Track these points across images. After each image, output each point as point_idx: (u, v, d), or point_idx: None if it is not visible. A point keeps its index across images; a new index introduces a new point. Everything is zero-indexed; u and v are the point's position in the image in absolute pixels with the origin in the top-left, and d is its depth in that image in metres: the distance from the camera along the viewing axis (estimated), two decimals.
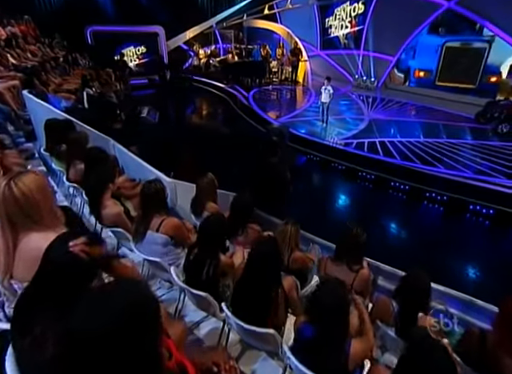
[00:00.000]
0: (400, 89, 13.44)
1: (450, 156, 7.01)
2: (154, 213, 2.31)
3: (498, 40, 10.97)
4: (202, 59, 15.48)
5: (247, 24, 15.62)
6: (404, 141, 7.96)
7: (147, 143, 5.28)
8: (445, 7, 10.77)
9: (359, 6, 13.60)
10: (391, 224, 5.83)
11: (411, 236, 5.27)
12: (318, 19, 15.33)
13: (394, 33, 12.28)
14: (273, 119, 9.53)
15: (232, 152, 7.48)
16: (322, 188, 6.90)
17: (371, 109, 10.94)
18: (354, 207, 6.19)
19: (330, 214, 5.77)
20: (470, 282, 4.07)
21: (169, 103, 12.28)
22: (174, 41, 15.04)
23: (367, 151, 7.44)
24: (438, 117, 9.95)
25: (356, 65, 14.26)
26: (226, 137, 8.86)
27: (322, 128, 8.97)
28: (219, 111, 12.22)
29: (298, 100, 12.96)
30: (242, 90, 12.55)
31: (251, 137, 8.93)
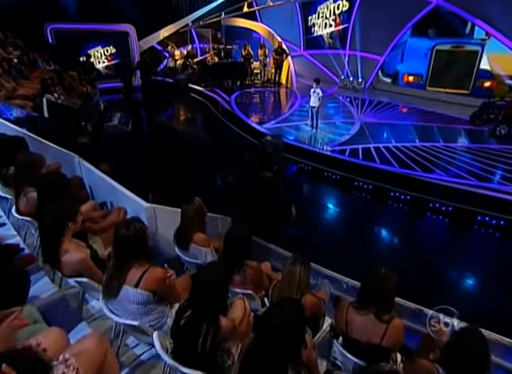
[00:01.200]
0: (389, 89, 13.53)
1: (450, 162, 6.91)
2: (132, 263, 1.90)
3: (490, 42, 11.16)
4: (178, 60, 15.12)
5: (225, 23, 15.35)
6: (400, 146, 7.83)
7: (120, 158, 4.87)
8: (433, 4, 10.87)
9: (343, 4, 13.63)
10: (395, 240, 5.62)
11: (418, 253, 5.05)
12: (300, 17, 15.35)
13: (382, 31, 12.33)
14: (259, 125, 9.23)
15: (217, 164, 7.17)
16: (317, 201, 6.63)
17: (361, 111, 10.87)
18: (352, 221, 5.94)
19: (329, 232, 5.50)
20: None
21: (143, 109, 11.81)
22: (146, 41, 14.58)
23: (362, 158, 7.25)
24: (431, 119, 9.98)
25: (342, 66, 14.27)
26: (209, 147, 8.51)
27: (312, 133, 8.76)
28: (199, 117, 11.88)
29: (283, 103, 12.77)
30: (222, 94, 12.27)
31: (237, 147, 8.74)
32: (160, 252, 3.02)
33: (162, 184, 3.53)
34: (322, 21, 14.72)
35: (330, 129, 9.09)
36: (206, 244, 2.75)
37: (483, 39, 11.44)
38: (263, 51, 14.29)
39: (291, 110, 11.05)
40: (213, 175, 6.82)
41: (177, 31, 15.17)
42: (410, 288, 2.74)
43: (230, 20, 15.10)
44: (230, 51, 15.89)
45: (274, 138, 3.89)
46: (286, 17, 15.16)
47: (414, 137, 8.66)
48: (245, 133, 9.27)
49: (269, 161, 3.28)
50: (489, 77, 11.38)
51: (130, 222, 2.00)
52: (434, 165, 6.76)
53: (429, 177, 6.23)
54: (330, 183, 7.09)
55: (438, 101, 11.58)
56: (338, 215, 6.39)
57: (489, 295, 4.12)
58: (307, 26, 15.37)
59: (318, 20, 14.84)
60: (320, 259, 4.13)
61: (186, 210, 2.76)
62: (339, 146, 7.87)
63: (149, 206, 3.15)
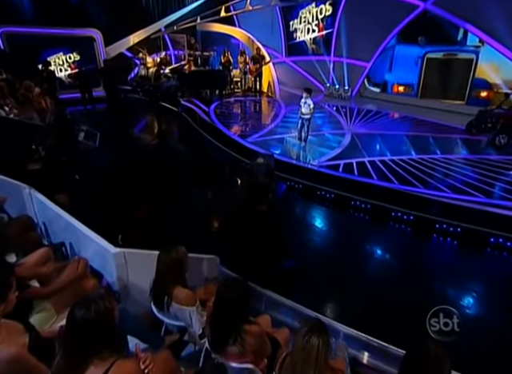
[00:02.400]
0: (376, 97, 13.60)
1: (453, 176, 6.75)
2: (91, 358, 1.43)
3: (485, 50, 11.33)
4: (150, 68, 14.72)
5: (201, 28, 15.16)
6: (396, 160, 7.67)
7: (83, 185, 4.38)
8: (421, 8, 11.01)
9: (326, 8, 13.75)
10: (400, 269, 5.30)
11: (429, 283, 4.73)
12: (281, 22, 15.47)
13: (368, 36, 12.44)
14: (242, 139, 8.89)
15: (199, 187, 6.76)
16: (310, 224, 6.25)
17: (351, 121, 10.75)
18: (351, 247, 5.58)
19: (326, 261, 5.11)
20: None
21: (111, 121, 11.22)
22: (114, 48, 14.10)
23: (358, 174, 6.99)
24: (424, 128, 9.97)
25: (327, 73, 14.34)
26: (188, 166, 8.06)
27: (301, 147, 8.48)
28: (176, 130, 11.46)
29: (266, 114, 12.54)
30: (200, 104, 11.96)
31: (220, 164, 8.44)
32: (131, 315, 2.54)
33: (135, 220, 3.07)
34: (304, 27, 14.82)
35: (319, 142, 8.88)
36: (190, 301, 2.31)
37: (477, 46, 11.63)
38: (243, 58, 14.16)
39: (276, 121, 10.81)
40: (195, 202, 6.36)
41: (148, 37, 14.88)
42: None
43: (207, 25, 14.93)
44: (207, 58, 15.77)
45: (265, 160, 3.52)
46: (265, 22, 15.19)
47: (409, 148, 8.53)
48: (227, 148, 8.89)
49: (263, 191, 2.91)
50: (485, 86, 11.55)
51: (92, 302, 1.51)
52: (435, 179, 6.57)
53: (432, 194, 6.01)
54: (324, 202, 6.76)
55: (429, 108, 11.69)
56: (335, 239, 6.02)
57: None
58: (289, 31, 15.47)
59: (300, 25, 14.94)
60: (320, 298, 3.77)
61: (163, 260, 2.32)
62: (331, 161, 7.61)
63: (118, 252, 2.68)
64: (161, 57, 15.28)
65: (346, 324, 2.81)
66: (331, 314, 3.10)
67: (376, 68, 13.52)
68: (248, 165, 5.91)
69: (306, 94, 8.09)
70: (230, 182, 7.55)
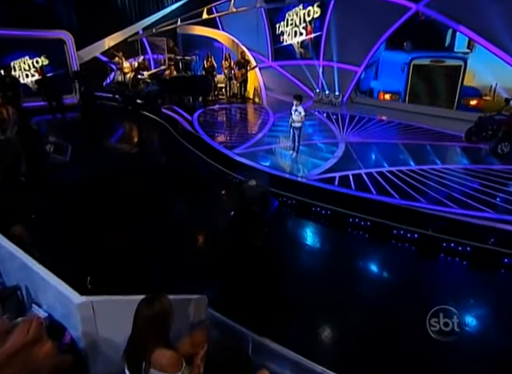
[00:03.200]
0: (368, 103, 13.54)
1: (457, 188, 6.57)
2: None
3: (474, 56, 11.43)
4: (127, 73, 14.39)
5: (182, 31, 15.03)
6: (395, 171, 7.49)
7: (45, 212, 3.96)
8: (413, 10, 11.04)
9: (314, 10, 13.72)
10: (405, 293, 5.02)
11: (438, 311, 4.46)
12: (267, 25, 15.44)
13: (358, 39, 12.42)
14: (229, 150, 8.60)
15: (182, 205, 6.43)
16: (307, 245, 5.95)
17: (343, 129, 10.60)
18: (350, 270, 5.30)
19: (327, 287, 4.80)
20: None
21: (84, 132, 10.79)
22: (87, 51, 13.69)
23: (355, 188, 6.75)
24: (420, 136, 9.89)
25: (316, 78, 14.26)
26: (169, 181, 7.72)
27: (292, 159, 8.23)
28: (156, 141, 11.12)
29: (254, 122, 12.29)
30: (183, 112, 11.69)
31: (205, 178, 8.14)
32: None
33: (108, 256, 2.70)
34: (291, 29, 14.77)
35: (311, 152, 8.66)
36: (174, 366, 1.95)
37: (465, 52, 11.73)
38: (228, 63, 14.00)
39: (264, 130, 10.58)
40: (178, 223, 6.00)
41: (125, 40, 14.59)
42: None
43: (188, 28, 14.77)
44: (189, 63, 15.47)
45: (258, 181, 3.20)
46: (250, 24, 15.14)
47: (407, 158, 8.37)
48: (212, 160, 8.58)
49: (257, 223, 2.59)
50: (475, 94, 11.62)
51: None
52: (438, 193, 6.38)
53: (437, 210, 5.79)
54: (320, 220, 6.49)
55: (423, 114, 11.66)
56: (333, 262, 5.70)
57: None
58: (275, 35, 15.44)
59: (287, 28, 14.89)
60: (321, 343, 3.45)
61: (143, 314, 1.96)
62: (326, 174, 7.38)
63: (84, 301, 2.29)
64: (139, 62, 14.98)
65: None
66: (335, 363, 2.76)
67: (362, 75, 13.54)
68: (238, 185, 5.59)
69: (297, 101, 7.87)
70: (216, 199, 7.23)
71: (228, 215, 3.88)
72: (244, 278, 2.60)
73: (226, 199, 7.29)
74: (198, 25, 14.32)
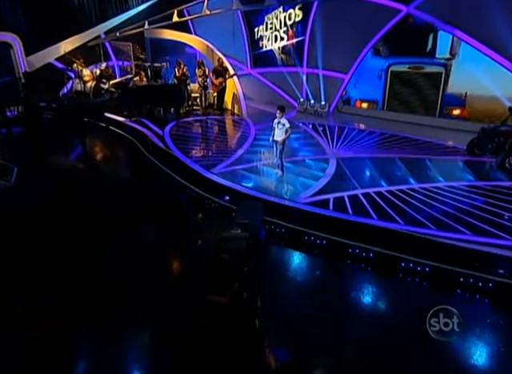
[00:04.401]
0: (357, 113, 13.45)
1: (465, 210, 6.24)
2: None
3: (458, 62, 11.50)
4: (88, 82, 13.86)
5: (150, 35, 14.66)
6: (395, 191, 7.16)
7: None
8: (404, 13, 11.04)
9: (296, 13, 13.61)
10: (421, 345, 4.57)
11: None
12: (245, 29, 15.35)
13: (345, 44, 12.37)
14: (206, 170, 8.10)
15: (151, 237, 5.87)
16: (300, 284, 5.44)
17: (333, 143, 10.31)
18: (352, 313, 4.83)
19: (328, 339, 4.28)
20: None
21: (32, 149, 9.99)
22: (39, 57, 13.02)
23: (353, 212, 6.34)
24: (417, 148, 9.74)
25: (300, 86, 14.15)
26: (137, 207, 7.13)
27: (278, 178, 7.80)
28: (121, 159, 10.55)
29: (233, 136, 11.94)
30: (152, 126, 11.22)
31: (180, 206, 7.66)
32: None
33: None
34: (271, 34, 14.66)
35: (300, 170, 8.29)
36: None
37: (448, 59, 11.76)
38: (202, 70, 13.65)
39: (245, 145, 10.17)
40: (146, 263, 5.41)
41: (85, 44, 14.09)
42: None
43: (157, 32, 14.44)
44: (158, 70, 15.10)
45: (243, 230, 2.69)
46: (226, 28, 14.95)
47: (406, 175, 8.08)
48: (186, 182, 8.05)
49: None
50: (458, 103, 11.64)
51: None
52: (447, 216, 6.03)
53: (450, 238, 5.41)
54: (314, 251, 6.00)
55: (418, 125, 11.58)
56: (333, 302, 5.23)
57: None
58: (253, 40, 15.37)
59: (267, 32, 14.79)
60: None
61: None
62: (318, 196, 6.96)
63: None
64: (101, 69, 14.51)
65: None
66: None
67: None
68: (217, 234, 5.11)
69: (280, 113, 7.49)
70: (191, 228, 6.68)
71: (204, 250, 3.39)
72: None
73: (203, 228, 6.75)
74: (167, 28, 13.97)
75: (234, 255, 2.45)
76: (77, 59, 13.97)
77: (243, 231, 2.78)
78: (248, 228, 2.87)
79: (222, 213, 6.97)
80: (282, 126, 7.50)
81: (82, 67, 14.00)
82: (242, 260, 2.46)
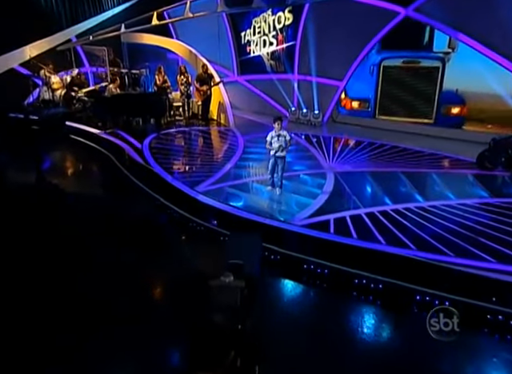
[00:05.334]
0: (353, 122, 13.22)
1: (486, 233, 5.85)
2: None
3: (458, 56, 11.39)
4: (57, 90, 13.44)
5: (127, 39, 14.33)
6: (401, 210, 6.78)
7: None
8: (402, 15, 10.90)
9: (286, 16, 13.49)
10: None
11: None
12: (231, 33, 15.23)
13: (339, 49, 12.21)
14: (189, 188, 7.65)
15: (127, 266, 5.33)
16: (300, 321, 4.94)
17: (329, 156, 10.01)
18: (361, 356, 4.34)
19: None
20: None
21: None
22: (1, 61, 12.48)
23: (357, 236, 5.91)
24: (421, 161, 9.49)
25: (291, 94, 13.98)
26: (112, 233, 6.65)
27: (272, 196, 7.37)
28: (94, 176, 10.07)
29: (220, 148, 11.58)
30: (130, 138, 10.86)
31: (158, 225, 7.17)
32: None
33: None
34: (259, 39, 14.53)
35: (294, 187, 7.89)
36: None
37: (446, 52, 11.60)
38: (185, 77, 13.33)
39: (233, 158, 9.79)
40: (121, 300, 4.87)
41: (53, 49, 13.61)
42: None
43: (135, 36, 14.16)
44: (137, 78, 14.77)
45: (239, 276, 2.21)
46: (211, 32, 14.81)
47: (412, 191, 7.73)
48: (168, 201, 7.55)
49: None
50: (457, 101, 11.46)
51: None
52: (466, 240, 5.61)
53: (472, 266, 4.99)
54: (315, 282, 5.54)
55: (423, 135, 11.38)
56: (338, 344, 4.74)
57: None
58: (240, 44, 15.26)
59: (255, 37, 14.67)
60: None
61: None
62: (317, 216, 6.53)
63: None
64: (72, 76, 14.11)
65: None
66: None
67: None
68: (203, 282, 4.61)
69: (278, 125, 7.10)
70: (174, 255, 6.15)
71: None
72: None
73: (187, 258, 6.23)
74: (146, 32, 13.73)
75: (225, 314, 1.96)
76: (45, 65, 13.55)
77: (236, 276, 2.28)
78: (243, 271, 2.37)
79: (209, 238, 6.53)
80: (282, 138, 7.13)
81: (51, 74, 13.56)
82: (235, 319, 1.96)
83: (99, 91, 13.15)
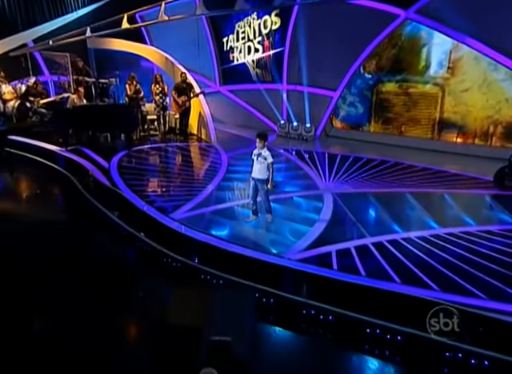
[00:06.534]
0: (348, 136, 13.06)
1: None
2: None
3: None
4: (9, 101, 12.99)
5: (95, 44, 14.07)
6: (414, 239, 6.30)
7: None
8: (402, 18, 10.79)
9: (273, 20, 13.32)
10: None
11: None
12: (212, 39, 15.07)
13: (332, 56, 12.06)
14: (163, 215, 7.08)
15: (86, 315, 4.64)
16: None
17: (325, 175, 9.66)
18: None
19: None
20: None
21: None
22: None
23: (366, 273, 5.36)
24: (429, 180, 9.17)
25: (280, 106, 13.84)
26: (69, 275, 5.99)
27: (262, 224, 6.86)
28: (50, 201, 9.43)
29: (200, 167, 11.18)
30: (95, 156, 10.40)
31: (127, 266, 6.42)
32: None
33: None
34: (243, 45, 14.37)
35: (287, 212, 7.40)
36: None
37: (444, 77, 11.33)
38: (160, 87, 12.97)
39: (216, 179, 9.32)
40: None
41: (6, 54, 13.27)
42: None
43: (102, 41, 13.92)
44: (105, 87, 14.37)
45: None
46: (189, 38, 14.61)
47: (424, 216, 7.26)
48: (138, 231, 6.88)
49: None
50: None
51: None
52: (500, 279, 5.07)
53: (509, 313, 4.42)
54: (317, 331, 4.90)
55: (428, 150, 11.16)
56: None
57: None
58: (222, 52, 15.11)
59: (238, 43, 14.52)
60: None
61: None
62: (315, 248, 5.98)
63: None
64: (28, 86, 13.60)
65: None
66: None
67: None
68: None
69: (260, 142, 6.59)
70: (143, 300, 5.45)
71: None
72: None
73: (160, 301, 5.54)
74: (116, 37, 13.47)
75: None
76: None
77: (221, 361, 1.62)
78: (231, 351, 1.71)
79: (187, 277, 5.88)
80: (262, 159, 6.57)
81: (2, 82, 13.14)
82: None
83: (60, 102, 12.69)
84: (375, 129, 12.76)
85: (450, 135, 11.32)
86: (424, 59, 11.20)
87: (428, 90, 11.35)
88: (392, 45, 11.44)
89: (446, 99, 11.07)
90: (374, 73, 12.16)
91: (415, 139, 11.79)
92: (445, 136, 11.41)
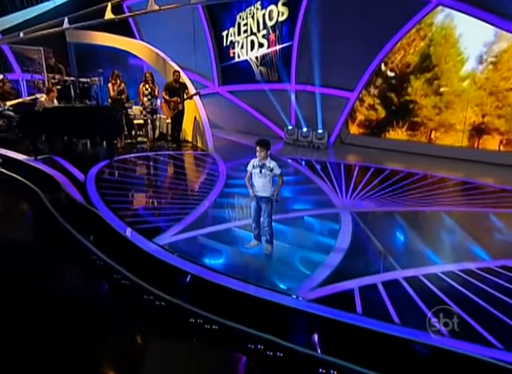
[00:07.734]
0: (368, 144, 12.84)
1: None
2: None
3: None
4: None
5: (75, 38, 13.80)
6: (458, 273, 5.52)
7: None
8: (433, 4, 10.43)
9: (279, 10, 13.07)
10: None
11: None
12: (209, 32, 15.02)
13: (348, 51, 11.86)
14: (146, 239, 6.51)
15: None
16: None
17: (341, 189, 9.27)
18: None
19: None
20: None
21: None
22: None
23: (400, 319, 4.60)
24: (469, 196, 8.70)
25: (288, 109, 13.76)
26: (30, 320, 5.26)
27: (262, 251, 6.16)
28: (11, 221, 8.58)
29: (193, 180, 10.73)
30: (70, 167, 10.00)
31: (103, 308, 5.42)
32: None
33: None
34: (245, 39, 14.24)
35: (297, 235, 6.77)
36: None
37: None
38: (150, 87, 12.61)
39: (212, 194, 8.77)
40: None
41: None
42: None
43: (84, 35, 13.66)
44: (86, 87, 14.19)
45: None
46: (184, 32, 14.63)
47: (468, 242, 6.55)
48: (115, 261, 6.18)
49: None
50: None
51: None
52: None
53: None
54: None
55: (451, 158, 11.00)
56: None
57: None
58: (221, 47, 15.12)
59: (240, 37, 14.39)
60: None
61: None
62: (331, 284, 5.25)
63: None
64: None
65: None
66: None
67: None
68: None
69: (262, 151, 5.83)
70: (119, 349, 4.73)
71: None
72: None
73: (141, 350, 4.81)
74: (99, 30, 13.23)
75: None
76: None
77: None
78: None
79: (174, 319, 5.10)
80: (268, 172, 5.81)
81: None
82: None
83: (31, 104, 12.43)
84: (399, 136, 12.42)
85: (491, 142, 10.86)
86: (459, 53, 10.81)
87: (464, 89, 10.90)
88: (420, 36, 11.10)
89: (486, 100, 10.59)
90: (398, 71, 11.74)
91: (448, 147, 11.44)
92: (485, 143, 10.95)
